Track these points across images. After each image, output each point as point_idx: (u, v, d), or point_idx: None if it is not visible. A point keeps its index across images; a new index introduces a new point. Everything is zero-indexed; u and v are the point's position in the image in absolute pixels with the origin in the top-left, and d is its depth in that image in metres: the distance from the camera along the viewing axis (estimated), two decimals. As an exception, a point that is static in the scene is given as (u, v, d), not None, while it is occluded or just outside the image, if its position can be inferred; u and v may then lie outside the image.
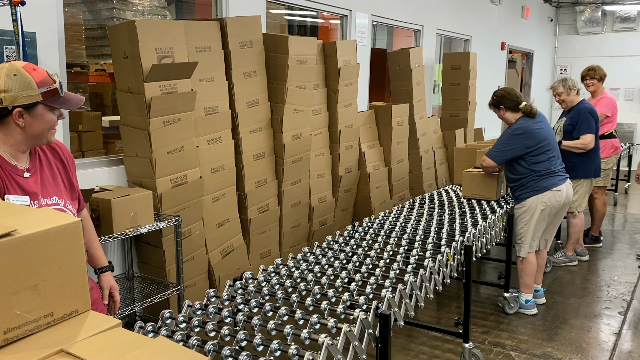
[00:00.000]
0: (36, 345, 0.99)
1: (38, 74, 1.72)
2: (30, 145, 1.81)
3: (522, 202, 3.72)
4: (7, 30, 2.76)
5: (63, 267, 1.07)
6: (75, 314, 1.10)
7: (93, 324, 1.07)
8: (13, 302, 0.99)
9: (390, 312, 2.00)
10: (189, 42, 3.38)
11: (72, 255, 1.08)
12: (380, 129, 5.28)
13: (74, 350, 0.96)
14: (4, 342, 0.98)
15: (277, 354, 1.67)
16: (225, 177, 3.75)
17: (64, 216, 1.11)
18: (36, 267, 1.02)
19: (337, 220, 4.85)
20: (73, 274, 1.09)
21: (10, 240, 0.98)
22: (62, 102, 1.76)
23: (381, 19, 5.91)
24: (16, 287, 0.99)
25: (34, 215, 1.13)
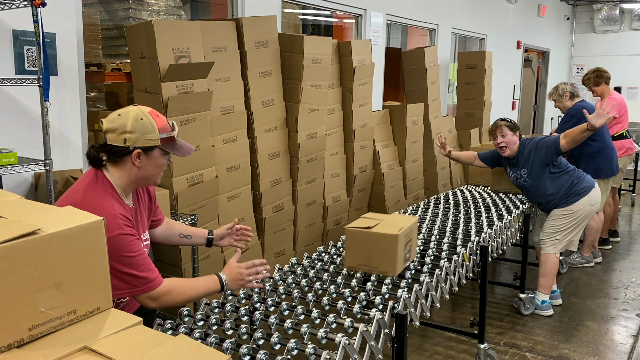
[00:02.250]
0: (60, 342, 1.00)
1: (160, 120, 1.82)
2: (138, 185, 1.91)
3: (571, 205, 3.67)
4: (28, 31, 2.80)
5: (86, 265, 1.08)
6: (97, 311, 1.12)
7: (115, 321, 1.08)
8: (37, 299, 1.01)
9: (406, 312, 1.99)
10: (205, 42, 3.40)
11: (94, 254, 1.10)
12: (395, 129, 5.27)
13: (97, 347, 0.97)
14: (29, 338, 1.00)
15: (294, 353, 1.68)
16: (241, 176, 3.76)
17: (87, 215, 1.12)
18: (60, 265, 1.04)
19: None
20: (95, 272, 1.11)
21: (35, 239, 1.00)
22: (176, 148, 1.85)
23: (396, 18, 5.89)
24: (40, 284, 1.01)
25: (57, 214, 1.15)
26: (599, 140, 4.46)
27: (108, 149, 1.78)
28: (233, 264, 1.91)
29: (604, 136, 4.52)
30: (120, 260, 1.64)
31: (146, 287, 1.69)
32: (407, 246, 2.36)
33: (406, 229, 2.32)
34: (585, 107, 4.42)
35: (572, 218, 3.67)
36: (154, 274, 1.73)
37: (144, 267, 1.70)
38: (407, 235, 2.34)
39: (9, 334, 0.97)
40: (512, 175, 3.82)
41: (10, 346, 0.97)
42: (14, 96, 2.81)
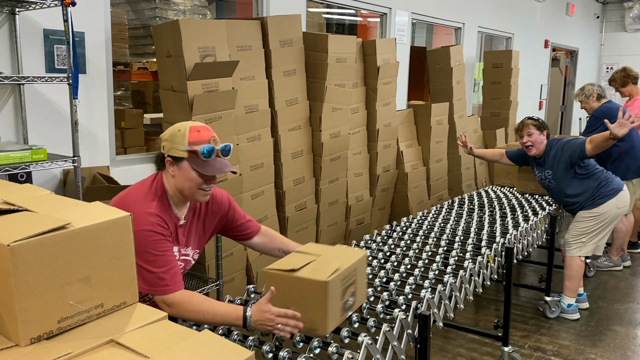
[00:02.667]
0: (88, 335, 1.02)
1: (196, 135, 1.79)
2: (182, 198, 1.89)
3: (597, 207, 3.61)
4: (58, 30, 2.86)
5: (113, 259, 1.10)
6: (124, 305, 1.13)
7: (141, 316, 1.10)
8: (66, 293, 1.03)
9: (429, 312, 1.98)
10: (230, 41, 3.42)
11: (121, 249, 1.11)
12: (419, 128, 5.23)
13: (124, 340, 0.99)
14: (58, 330, 1.02)
15: (316, 352, 1.68)
16: (264, 174, 3.78)
17: (115, 211, 1.14)
18: (88, 259, 1.06)
19: (374, 220, 4.83)
20: (122, 267, 1.12)
21: (65, 233, 1.02)
22: (201, 164, 1.79)
23: (421, 17, 5.85)
24: (69, 278, 1.03)
25: (86, 209, 1.17)
26: (627, 141, 4.36)
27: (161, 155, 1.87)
28: (264, 306, 1.67)
29: (632, 137, 4.42)
30: (143, 255, 1.66)
31: (162, 289, 1.69)
32: (348, 292, 1.82)
33: (344, 271, 1.77)
34: (611, 109, 4.33)
35: (598, 220, 3.60)
36: (174, 280, 1.72)
37: (165, 268, 1.70)
38: (347, 279, 1.80)
39: (39, 325, 0.99)
40: (538, 175, 3.77)
41: (40, 338, 0.99)
42: (44, 94, 2.87)
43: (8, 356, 0.95)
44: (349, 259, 1.85)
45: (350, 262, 1.83)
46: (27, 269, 0.96)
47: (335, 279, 1.72)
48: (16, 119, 2.79)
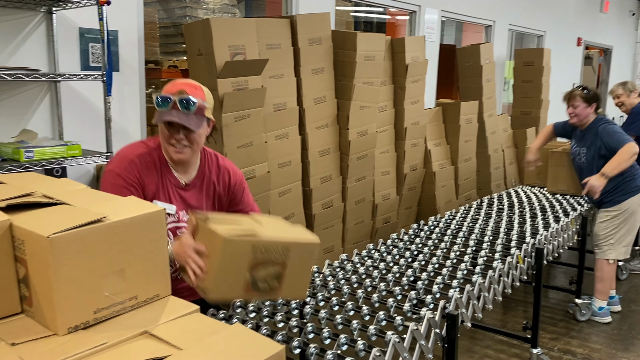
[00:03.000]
0: (122, 326, 1.05)
1: (168, 87, 1.77)
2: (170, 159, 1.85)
3: (617, 205, 3.54)
4: (92, 28, 2.92)
5: (147, 253, 1.13)
6: (157, 298, 1.16)
7: (173, 308, 1.12)
8: (102, 284, 1.05)
9: (457, 312, 1.96)
10: (260, 40, 3.45)
11: (155, 243, 1.14)
12: (448, 127, 5.18)
13: (157, 332, 1.01)
14: (94, 320, 1.05)
15: (344, 348, 1.68)
16: (292, 172, 3.80)
17: (149, 205, 1.16)
18: (123, 252, 1.08)
19: (400, 219, 4.81)
20: (156, 260, 1.15)
21: (101, 226, 1.04)
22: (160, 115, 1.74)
23: (451, 15, 5.79)
24: (105, 270, 1.06)
25: (121, 203, 1.20)
26: None
27: None
28: (185, 239, 1.60)
29: None
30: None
31: None
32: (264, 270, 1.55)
33: (265, 242, 1.51)
34: None
35: (621, 219, 3.52)
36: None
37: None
38: (266, 253, 1.52)
39: (76, 315, 1.02)
40: (574, 149, 3.77)
41: (77, 327, 1.02)
42: (79, 91, 2.94)
43: (47, 344, 0.98)
44: (284, 237, 1.59)
45: (280, 239, 1.56)
46: (65, 261, 0.99)
47: (240, 241, 1.47)
48: (52, 115, 2.87)
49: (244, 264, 1.50)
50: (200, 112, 1.77)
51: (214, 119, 1.88)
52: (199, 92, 1.79)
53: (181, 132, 1.77)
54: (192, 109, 1.74)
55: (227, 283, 1.50)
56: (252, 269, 1.52)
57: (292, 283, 1.62)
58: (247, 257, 1.50)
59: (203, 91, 1.81)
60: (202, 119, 1.79)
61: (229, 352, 0.94)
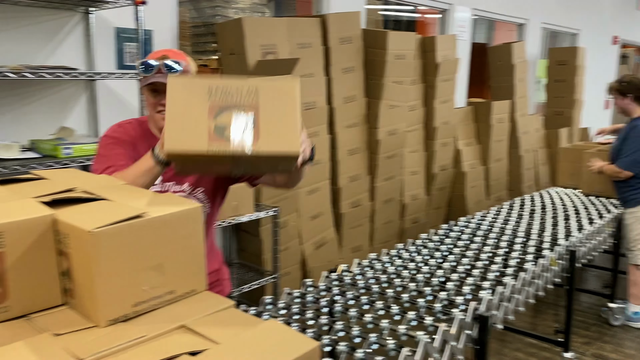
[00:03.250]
0: (160, 319, 1.07)
1: (152, 54, 1.76)
2: (158, 130, 1.80)
3: (635, 206, 3.47)
4: (128, 28, 2.98)
5: (183, 248, 1.15)
6: (193, 293, 1.18)
7: (209, 303, 1.14)
8: (141, 278, 1.08)
9: (489, 314, 1.95)
10: (291, 39, 3.47)
11: (192, 239, 1.16)
12: (479, 127, 5.13)
13: (194, 326, 1.03)
14: (133, 314, 1.07)
15: (374, 347, 1.69)
16: (321, 171, 3.81)
17: (186, 201, 1.18)
18: (161, 247, 1.11)
19: (429, 219, 4.77)
20: (192, 256, 1.17)
21: (141, 222, 1.07)
22: (146, 80, 1.71)
23: (483, 13, 5.72)
24: (144, 264, 1.08)
25: (158, 199, 1.22)
26: None
27: None
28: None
29: None
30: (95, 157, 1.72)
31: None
32: (231, 116, 1.31)
33: (226, 81, 1.33)
34: None
35: None
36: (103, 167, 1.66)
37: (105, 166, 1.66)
38: (226, 93, 1.33)
39: (116, 308, 1.05)
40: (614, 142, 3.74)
41: (117, 320, 1.05)
42: (114, 89, 3.00)
43: (89, 335, 1.01)
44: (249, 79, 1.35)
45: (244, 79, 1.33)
46: (106, 255, 1.02)
47: (190, 81, 1.34)
48: (89, 113, 2.94)
49: (202, 109, 1.29)
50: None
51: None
52: (181, 57, 1.77)
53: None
54: (176, 72, 1.71)
55: (186, 131, 1.28)
56: (214, 114, 1.30)
57: (273, 132, 1.31)
58: (204, 99, 1.30)
59: (185, 56, 1.80)
60: None
61: (266, 347, 0.95)
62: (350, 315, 1.89)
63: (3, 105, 2.63)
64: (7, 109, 2.65)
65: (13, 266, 1.06)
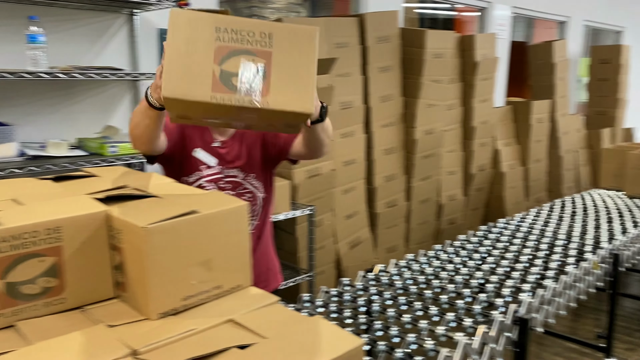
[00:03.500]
0: (208, 314, 1.10)
1: None
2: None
3: None
4: (171, 29, 3.05)
5: (230, 244, 1.18)
6: (238, 288, 1.21)
7: (255, 299, 1.17)
8: (190, 273, 1.11)
9: (529, 316, 1.92)
10: (328, 39, 3.49)
11: (238, 235, 1.19)
12: (518, 126, 5.04)
13: (242, 320, 1.05)
14: (182, 307, 1.11)
15: (412, 347, 1.69)
16: (356, 170, 3.82)
17: (233, 199, 1.21)
18: (209, 243, 1.14)
19: (466, 220, 4.72)
20: (238, 252, 1.20)
21: (191, 218, 1.10)
22: None
23: (523, 11, 5.62)
24: (193, 260, 1.12)
25: (206, 197, 1.26)
26: None
27: None
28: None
29: None
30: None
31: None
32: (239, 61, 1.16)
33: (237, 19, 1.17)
34: None
35: None
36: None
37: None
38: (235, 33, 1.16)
39: (167, 302, 1.08)
40: None
41: (167, 313, 1.09)
42: (157, 89, 3.08)
43: (140, 327, 1.04)
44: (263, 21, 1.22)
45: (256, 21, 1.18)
46: (158, 250, 1.05)
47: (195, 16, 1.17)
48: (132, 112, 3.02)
49: (208, 51, 1.14)
50: None
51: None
52: None
53: None
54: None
55: (188, 76, 1.14)
56: (220, 59, 1.15)
57: (285, 86, 1.17)
58: (210, 39, 1.14)
59: None
60: None
61: (312, 343, 0.97)
62: (388, 315, 1.89)
63: (52, 104, 2.73)
64: (56, 109, 2.75)
65: (69, 260, 1.11)
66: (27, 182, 1.40)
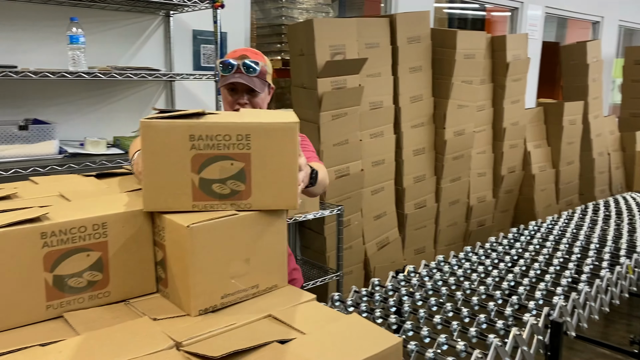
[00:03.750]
0: (246, 310, 1.13)
1: (230, 53, 1.84)
2: None
3: None
4: (204, 30, 3.10)
5: (268, 245, 1.20)
6: (275, 288, 1.23)
7: (291, 297, 1.19)
8: (230, 272, 1.14)
9: (562, 320, 1.90)
10: (359, 39, 3.50)
11: (276, 236, 1.21)
12: (550, 128, 4.97)
13: (280, 316, 1.08)
14: (221, 305, 1.14)
15: (444, 348, 1.69)
16: (385, 171, 3.82)
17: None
18: (249, 243, 1.17)
19: (495, 222, 4.68)
20: (275, 253, 1.22)
21: (233, 219, 1.13)
22: (223, 80, 1.77)
23: (556, 11, 5.54)
24: (233, 259, 1.14)
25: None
26: None
27: None
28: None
29: None
30: None
31: None
32: (219, 168, 1.15)
33: (211, 123, 1.13)
34: None
35: None
36: None
37: None
38: (211, 139, 1.13)
39: (207, 299, 1.12)
40: None
41: (207, 310, 1.12)
42: (191, 89, 3.14)
43: (181, 323, 1.08)
44: (239, 120, 1.17)
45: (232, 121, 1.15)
46: (201, 248, 1.08)
47: (167, 126, 1.12)
48: (166, 112, 3.09)
49: (184, 161, 1.12)
50: (262, 76, 1.79)
51: (273, 86, 1.89)
52: (259, 57, 1.82)
53: (245, 96, 1.79)
54: (255, 72, 1.76)
55: (167, 188, 1.14)
56: (198, 167, 1.13)
57: (266, 184, 1.16)
58: (185, 149, 1.12)
59: (263, 56, 1.85)
60: (265, 83, 1.81)
61: (351, 340, 0.99)
62: (419, 316, 1.90)
63: (90, 104, 2.81)
64: (93, 108, 2.82)
65: (114, 255, 1.15)
66: (72, 179, 1.45)
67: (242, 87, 1.78)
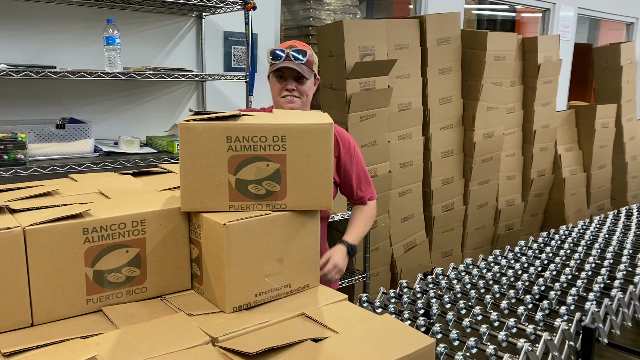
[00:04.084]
0: (279, 309, 1.15)
1: (280, 45, 1.89)
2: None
3: None
4: (235, 32, 3.14)
5: (301, 246, 1.22)
6: (307, 287, 1.24)
7: (324, 296, 1.20)
8: (264, 271, 1.16)
9: (595, 326, 1.88)
10: (389, 40, 3.49)
11: (310, 237, 1.22)
12: (581, 131, 4.88)
13: (313, 315, 1.09)
14: (254, 303, 1.16)
15: (473, 351, 1.68)
16: (413, 172, 3.80)
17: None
18: (283, 243, 1.18)
19: (524, 226, 4.61)
20: (308, 254, 1.23)
21: (267, 218, 1.15)
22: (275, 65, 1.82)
23: (589, 12, 5.44)
24: (267, 258, 1.16)
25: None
26: None
27: None
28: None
29: None
30: None
31: None
32: (255, 169, 1.17)
33: (247, 124, 1.15)
34: None
35: None
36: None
37: None
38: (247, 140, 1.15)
39: (241, 296, 1.14)
40: None
41: (241, 307, 1.14)
42: (222, 90, 3.18)
43: (216, 319, 1.10)
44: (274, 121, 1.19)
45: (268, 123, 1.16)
46: (236, 246, 1.11)
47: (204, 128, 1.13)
48: (197, 112, 3.13)
49: (221, 162, 1.15)
50: (309, 65, 1.85)
51: (319, 77, 1.94)
52: (307, 47, 1.88)
53: (293, 83, 1.84)
54: (303, 59, 1.82)
55: (204, 189, 1.16)
56: (234, 168, 1.15)
57: (301, 185, 1.18)
58: (222, 150, 1.14)
59: (310, 49, 1.89)
60: (312, 71, 1.87)
61: (384, 340, 1.00)
62: (448, 319, 1.89)
63: (124, 103, 2.87)
64: (127, 107, 2.88)
65: (152, 251, 1.18)
66: (110, 177, 1.49)
67: (290, 73, 1.83)
